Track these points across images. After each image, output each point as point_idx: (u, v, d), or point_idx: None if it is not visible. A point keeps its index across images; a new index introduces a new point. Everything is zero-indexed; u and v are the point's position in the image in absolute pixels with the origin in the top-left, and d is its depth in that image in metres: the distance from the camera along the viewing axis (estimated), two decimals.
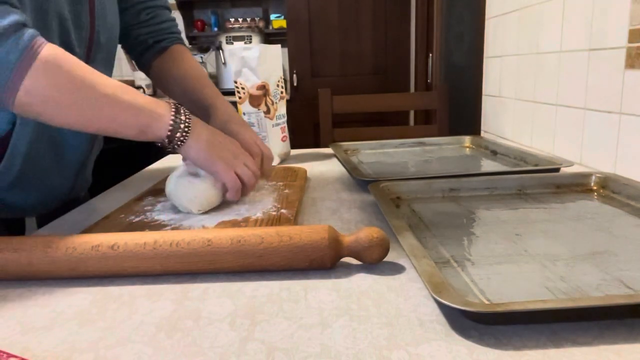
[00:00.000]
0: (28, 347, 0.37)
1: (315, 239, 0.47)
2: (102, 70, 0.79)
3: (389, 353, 0.34)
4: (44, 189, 0.77)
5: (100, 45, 0.75)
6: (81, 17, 0.71)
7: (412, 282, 0.45)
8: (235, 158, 0.66)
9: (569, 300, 0.39)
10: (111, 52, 0.81)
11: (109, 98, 0.58)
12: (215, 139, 0.65)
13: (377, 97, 1.60)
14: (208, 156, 0.63)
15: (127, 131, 0.60)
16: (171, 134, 0.61)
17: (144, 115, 0.60)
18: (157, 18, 0.89)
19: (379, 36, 2.92)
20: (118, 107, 0.58)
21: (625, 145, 0.80)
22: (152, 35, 0.88)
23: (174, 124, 0.61)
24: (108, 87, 0.58)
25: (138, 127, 0.60)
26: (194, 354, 0.35)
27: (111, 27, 0.78)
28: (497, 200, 0.70)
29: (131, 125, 0.59)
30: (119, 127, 0.59)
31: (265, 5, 3.33)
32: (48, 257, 0.47)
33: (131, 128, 0.59)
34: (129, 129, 0.59)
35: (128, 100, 0.59)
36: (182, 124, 0.62)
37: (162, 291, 0.46)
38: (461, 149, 1.14)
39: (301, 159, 1.11)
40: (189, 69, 0.87)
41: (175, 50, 0.89)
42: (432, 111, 1.74)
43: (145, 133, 0.60)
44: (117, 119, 0.58)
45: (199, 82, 0.84)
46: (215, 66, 3.14)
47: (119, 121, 0.59)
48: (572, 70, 0.95)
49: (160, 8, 0.90)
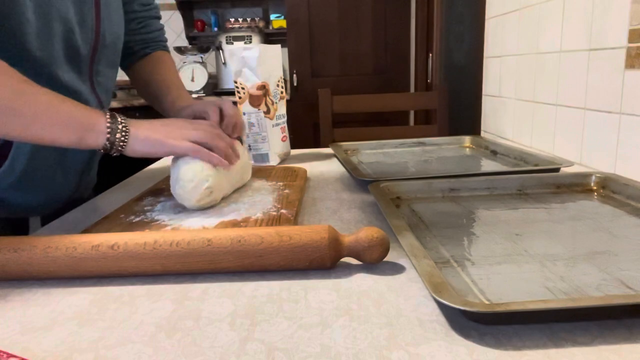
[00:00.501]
0: (28, 347, 0.37)
1: (315, 239, 0.47)
2: (107, 70, 0.79)
3: (389, 353, 0.34)
4: (48, 189, 0.77)
5: (105, 45, 0.76)
6: (86, 19, 0.71)
7: (412, 282, 0.45)
8: (182, 129, 0.66)
9: (569, 300, 0.39)
10: (116, 53, 0.81)
11: (47, 105, 0.58)
12: (154, 126, 0.66)
13: (377, 97, 1.60)
14: (155, 142, 0.64)
15: (63, 140, 0.60)
16: (110, 138, 0.61)
17: (78, 123, 0.60)
18: (147, 28, 0.92)
19: (379, 36, 2.92)
20: (56, 114, 0.59)
21: (625, 145, 0.80)
22: (139, 43, 0.92)
23: (110, 129, 0.61)
24: (42, 97, 0.58)
25: (74, 135, 0.60)
26: (194, 354, 0.35)
27: (116, 28, 0.79)
28: (497, 200, 0.70)
29: (66, 134, 0.60)
30: (54, 136, 0.59)
31: (265, 5, 3.33)
32: (48, 257, 0.47)
33: (66, 137, 0.60)
34: (64, 138, 0.60)
35: (61, 110, 0.59)
36: (120, 125, 0.62)
37: (162, 291, 0.46)
38: (461, 149, 1.14)
39: (301, 159, 1.11)
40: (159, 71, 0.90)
41: (154, 56, 0.93)
42: (432, 111, 1.74)
43: (84, 139, 0.60)
44: (52, 128, 0.59)
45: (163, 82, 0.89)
46: (215, 66, 3.14)
47: (53, 130, 0.59)
48: (572, 70, 0.95)
49: (152, 18, 0.94)
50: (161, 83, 0.89)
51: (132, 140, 0.62)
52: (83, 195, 0.88)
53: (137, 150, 0.63)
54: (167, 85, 0.88)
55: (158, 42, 0.94)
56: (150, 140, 0.63)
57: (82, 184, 0.84)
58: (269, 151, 1.01)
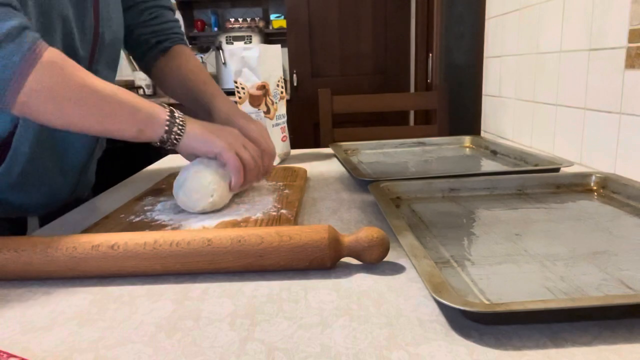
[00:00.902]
0: (28, 347, 0.37)
1: (315, 239, 0.47)
2: (106, 71, 0.79)
3: (389, 353, 0.34)
4: (46, 189, 0.77)
5: (104, 46, 0.75)
6: (85, 19, 0.71)
7: (412, 282, 0.45)
8: (235, 140, 0.66)
9: (569, 300, 0.39)
10: (115, 54, 0.81)
11: (109, 98, 0.59)
12: (211, 127, 0.66)
13: (377, 97, 1.60)
14: (206, 138, 0.64)
15: (126, 131, 0.60)
16: (167, 132, 0.62)
17: (142, 115, 0.61)
18: (160, 18, 0.89)
19: (379, 36, 2.92)
20: (117, 106, 0.59)
21: (625, 145, 0.80)
22: (154, 35, 0.88)
23: (169, 123, 0.62)
24: (107, 88, 0.59)
25: (136, 126, 0.61)
26: (194, 354, 0.35)
27: (116, 29, 0.78)
28: (497, 200, 0.70)
29: (130, 125, 0.60)
30: (118, 127, 0.60)
31: (265, 5, 3.33)
32: (48, 257, 0.47)
33: (130, 128, 0.60)
34: (127, 129, 0.60)
35: (126, 100, 0.60)
36: (177, 120, 0.63)
37: (162, 291, 0.46)
38: (461, 149, 1.14)
39: (301, 159, 1.11)
40: (190, 69, 0.87)
41: (176, 51, 0.89)
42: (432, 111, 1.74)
43: (144, 132, 0.61)
44: (117, 118, 0.59)
45: (200, 82, 0.84)
46: (215, 66, 3.14)
47: (118, 120, 0.60)
48: (572, 70, 0.95)
49: (164, 8, 0.90)
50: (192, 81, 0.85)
51: (187, 136, 0.64)
52: (81, 195, 0.88)
53: (189, 145, 0.64)
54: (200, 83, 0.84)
55: (175, 34, 0.90)
56: (201, 137, 0.64)
57: (81, 184, 0.84)
58: None
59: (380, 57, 2.95)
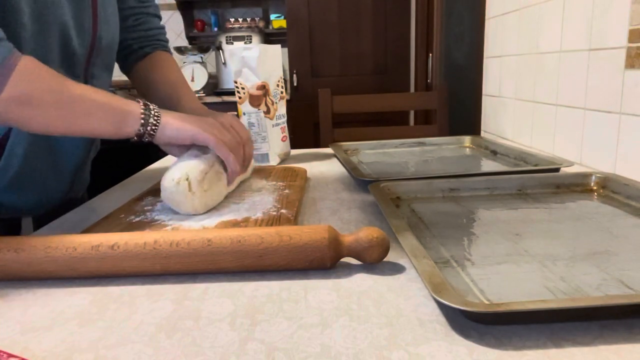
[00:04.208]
0: (28, 347, 0.37)
1: (315, 239, 0.47)
2: (102, 73, 0.79)
3: (389, 353, 0.34)
4: (41, 190, 0.77)
5: (101, 49, 0.76)
6: (84, 23, 0.71)
7: (412, 282, 0.45)
8: (211, 126, 0.66)
9: (569, 300, 0.39)
10: (112, 56, 0.81)
11: (84, 99, 0.60)
12: (186, 116, 0.67)
13: (377, 97, 1.60)
14: (186, 126, 0.65)
15: (104, 129, 0.62)
16: (143, 126, 0.63)
17: (117, 112, 0.62)
18: (145, 25, 0.91)
19: (379, 36, 2.92)
20: (93, 106, 0.60)
21: (625, 145, 0.80)
22: (137, 41, 0.90)
23: (144, 116, 0.63)
24: (81, 90, 0.60)
25: (113, 123, 0.62)
26: (194, 354, 0.35)
27: (113, 31, 0.79)
28: (497, 200, 0.70)
29: (107, 123, 0.62)
30: (96, 126, 0.61)
31: (265, 5, 3.33)
32: (48, 257, 0.47)
33: (107, 126, 0.62)
34: (105, 127, 0.62)
35: (101, 100, 0.61)
36: (152, 112, 0.64)
37: (162, 291, 0.46)
38: (461, 149, 1.14)
39: (301, 159, 1.11)
40: (167, 75, 0.89)
41: (157, 56, 0.91)
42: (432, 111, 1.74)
43: (121, 128, 0.62)
44: (93, 118, 0.61)
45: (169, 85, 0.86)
46: (215, 66, 3.14)
47: (95, 120, 0.61)
48: (572, 70, 0.95)
49: (150, 15, 0.92)
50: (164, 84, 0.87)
51: (162, 126, 0.64)
52: (76, 195, 0.88)
53: (167, 135, 0.65)
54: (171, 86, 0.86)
55: (158, 40, 0.92)
56: (179, 125, 0.65)
57: (76, 184, 0.84)
58: (269, 151, 1.01)
59: (380, 57, 2.95)
